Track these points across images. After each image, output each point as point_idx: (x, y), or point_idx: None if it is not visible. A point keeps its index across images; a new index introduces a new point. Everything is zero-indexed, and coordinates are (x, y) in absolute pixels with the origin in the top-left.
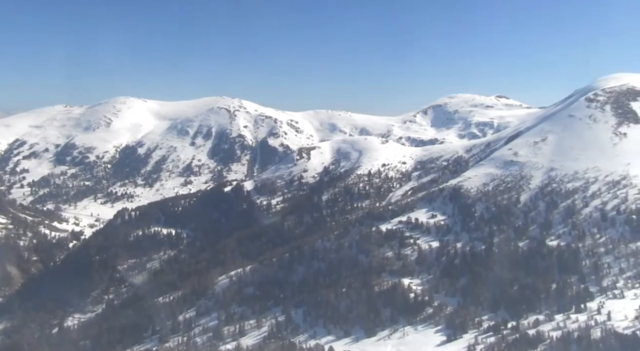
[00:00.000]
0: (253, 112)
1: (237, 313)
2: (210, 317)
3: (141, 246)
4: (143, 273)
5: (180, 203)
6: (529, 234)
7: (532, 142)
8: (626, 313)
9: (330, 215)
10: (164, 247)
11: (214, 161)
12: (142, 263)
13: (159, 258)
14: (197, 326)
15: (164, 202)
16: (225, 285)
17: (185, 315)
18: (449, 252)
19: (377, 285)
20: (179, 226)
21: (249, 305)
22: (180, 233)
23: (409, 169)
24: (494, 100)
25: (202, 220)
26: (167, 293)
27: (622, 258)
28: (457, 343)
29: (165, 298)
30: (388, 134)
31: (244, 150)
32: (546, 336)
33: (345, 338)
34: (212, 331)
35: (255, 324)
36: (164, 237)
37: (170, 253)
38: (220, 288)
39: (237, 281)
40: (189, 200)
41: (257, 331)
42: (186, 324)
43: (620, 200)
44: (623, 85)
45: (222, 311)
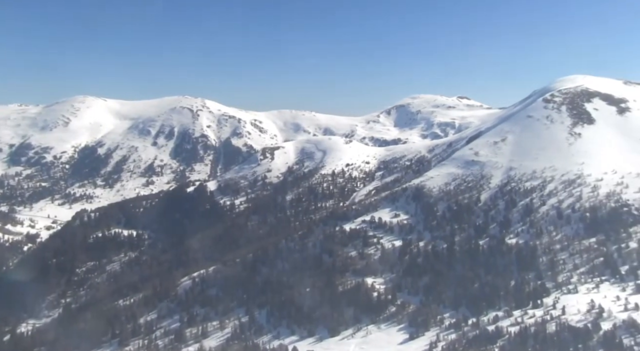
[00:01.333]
0: (216, 112)
1: (200, 315)
2: (172, 319)
3: (101, 248)
4: (103, 275)
5: (141, 204)
6: (489, 232)
7: (492, 142)
8: (579, 307)
9: (294, 215)
10: (125, 249)
11: (177, 161)
12: (101, 265)
13: (120, 260)
14: (158, 329)
15: (124, 202)
16: (188, 286)
17: (146, 317)
18: (412, 250)
19: (341, 285)
20: (140, 227)
21: (212, 306)
22: (141, 234)
23: (372, 169)
24: (456, 100)
25: (164, 221)
26: (127, 295)
27: (577, 255)
28: (419, 341)
29: (126, 300)
30: (352, 134)
31: (207, 150)
32: (505, 331)
33: (309, 338)
34: (174, 333)
35: (218, 325)
36: (125, 238)
37: (131, 255)
38: (182, 289)
39: (200, 283)
40: (151, 200)
41: (220, 333)
42: (147, 327)
43: (575, 199)
44: (578, 86)
45: (185, 313)
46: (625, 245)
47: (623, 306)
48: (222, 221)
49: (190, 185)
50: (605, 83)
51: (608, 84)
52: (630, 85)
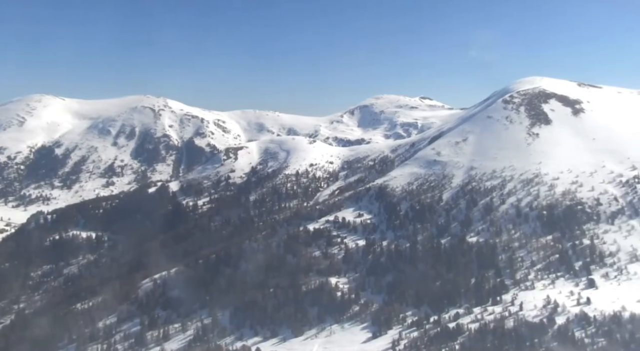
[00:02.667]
0: (179, 112)
1: (161, 317)
2: (132, 322)
3: (58, 251)
4: (59, 279)
5: (101, 205)
6: (451, 231)
7: (453, 142)
8: (536, 303)
9: (258, 216)
10: (83, 251)
11: (138, 161)
12: (58, 269)
13: (78, 263)
14: (118, 333)
15: (83, 204)
16: (149, 288)
17: (105, 321)
18: (375, 250)
19: (305, 285)
20: (99, 229)
21: (174, 309)
22: (101, 236)
23: (336, 169)
24: (418, 101)
25: (125, 222)
26: (85, 299)
27: (534, 252)
28: (382, 339)
29: (84, 304)
30: (316, 134)
31: (169, 150)
32: (465, 328)
33: (273, 339)
34: (134, 336)
35: (180, 328)
36: (83, 240)
37: (90, 258)
38: (143, 292)
39: (161, 285)
40: (111, 201)
41: (182, 335)
42: (106, 331)
43: (533, 197)
44: (536, 88)
45: (145, 315)
46: (579, 242)
47: (576, 300)
48: (185, 222)
49: (151, 186)
50: (561, 85)
51: (563, 85)
52: (584, 87)
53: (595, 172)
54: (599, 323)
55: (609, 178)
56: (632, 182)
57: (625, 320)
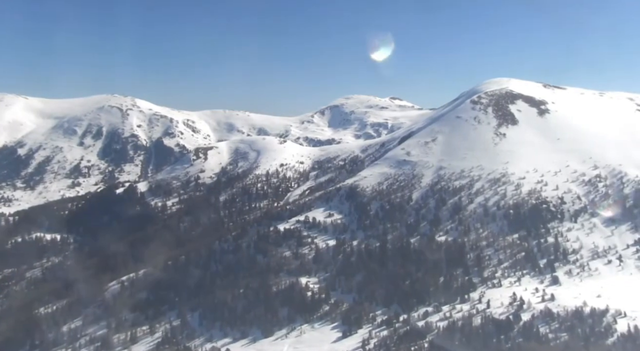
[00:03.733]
0: (147, 111)
1: (129, 320)
2: (98, 326)
3: (20, 254)
4: (22, 283)
5: (66, 207)
6: (420, 230)
7: (423, 142)
8: (502, 301)
9: (228, 216)
10: (48, 254)
11: (105, 162)
12: (20, 272)
13: (42, 266)
14: (83, 336)
15: (48, 205)
16: (116, 290)
17: (70, 325)
18: (345, 249)
19: (275, 285)
20: (65, 231)
21: (142, 311)
22: (66, 238)
23: (306, 169)
24: (388, 101)
25: (92, 223)
26: (49, 303)
27: (501, 250)
28: (352, 339)
29: (47, 308)
30: (286, 134)
31: (137, 151)
32: (434, 326)
33: (243, 340)
34: (100, 340)
35: (148, 330)
36: (48, 242)
37: (54, 260)
38: (110, 294)
39: (129, 287)
40: (77, 202)
41: (150, 338)
42: (71, 335)
43: (500, 197)
44: (503, 88)
45: (112, 318)
46: (544, 240)
47: (541, 297)
48: (154, 223)
49: (119, 186)
50: (527, 86)
51: (529, 86)
52: (549, 88)
53: (559, 171)
54: (562, 318)
55: (573, 178)
56: (594, 180)
57: (586, 315)
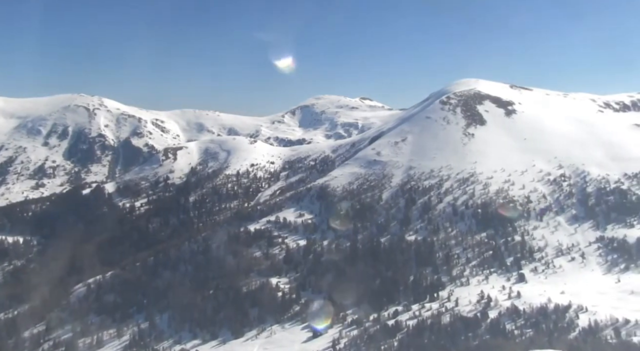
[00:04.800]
0: (115, 111)
1: (95, 323)
2: (63, 330)
3: None
4: None
5: (30, 208)
6: (390, 230)
7: (393, 142)
8: (470, 299)
9: (198, 217)
10: (9, 257)
11: (71, 162)
12: None
13: (2, 270)
14: (46, 342)
15: (9, 207)
16: (82, 293)
17: (32, 330)
18: (316, 249)
19: (245, 286)
20: (28, 233)
21: (109, 314)
22: (29, 240)
23: (277, 169)
24: (359, 101)
25: (57, 225)
26: (10, 308)
27: (469, 249)
28: (323, 339)
29: (8, 314)
30: (257, 134)
31: (104, 151)
32: (404, 325)
33: (212, 341)
34: (64, 345)
35: (115, 333)
36: (10, 245)
37: (16, 264)
38: (76, 297)
39: (95, 289)
40: (41, 204)
41: (118, 341)
42: (33, 340)
43: (469, 196)
44: (471, 89)
45: (78, 322)
46: (511, 239)
47: (507, 295)
48: (122, 224)
49: (86, 187)
50: (495, 87)
51: (497, 87)
52: (516, 89)
53: (526, 170)
54: (528, 315)
55: (539, 177)
56: (558, 180)
57: (550, 311)
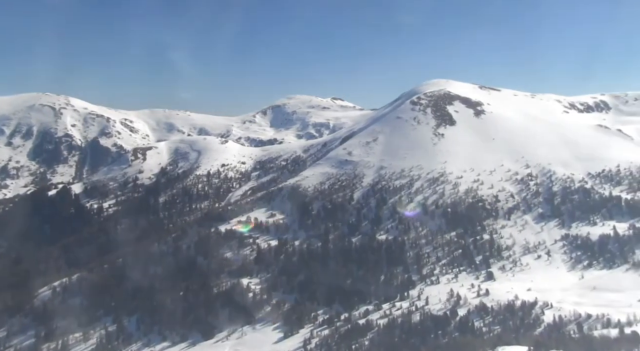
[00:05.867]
0: (82, 111)
1: (60, 328)
2: (26, 335)
3: None
4: None
5: None
6: (362, 230)
7: (364, 142)
8: (440, 297)
9: (168, 217)
10: None
11: (36, 163)
12: None
13: None
14: (7, 348)
15: None
16: (47, 297)
17: None
18: (287, 250)
19: (216, 287)
20: None
21: (75, 317)
22: None
23: (248, 169)
24: (330, 102)
25: (21, 227)
26: None
27: (439, 248)
28: (294, 339)
29: None
30: (228, 134)
31: (71, 151)
32: (374, 324)
33: (182, 343)
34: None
35: (81, 337)
36: None
37: None
38: (40, 301)
39: (61, 293)
40: (4, 206)
41: (84, 345)
42: None
43: (439, 195)
44: (441, 90)
45: (42, 327)
46: (480, 237)
47: (476, 292)
48: (89, 225)
49: (51, 188)
50: (464, 87)
51: (466, 88)
52: (485, 90)
53: (494, 170)
54: (495, 312)
55: (507, 177)
56: (526, 179)
57: (517, 308)
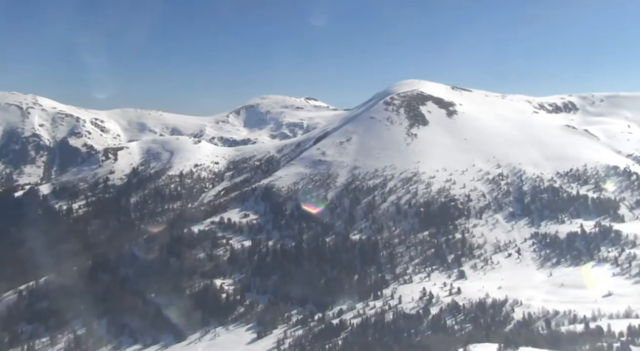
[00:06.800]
0: (51, 110)
1: (26, 332)
2: None
3: None
4: None
5: None
6: (335, 229)
7: (338, 142)
8: (413, 296)
9: (140, 218)
10: None
11: (2, 163)
12: None
13: None
14: None
15: None
16: (12, 301)
17: None
18: (261, 250)
19: (189, 288)
20: None
21: (42, 321)
22: None
23: (221, 169)
24: (304, 102)
25: None
26: None
27: (412, 247)
28: (267, 339)
29: None
30: (201, 134)
31: (39, 151)
32: (348, 324)
33: (154, 346)
34: None
35: (48, 341)
36: None
37: None
38: (4, 306)
39: (27, 296)
40: None
41: (51, 349)
42: None
43: (412, 195)
44: (414, 90)
45: (6, 332)
46: (452, 236)
47: (448, 291)
48: (58, 227)
49: (18, 189)
50: (437, 88)
51: (439, 88)
52: (457, 90)
53: (466, 170)
54: (467, 310)
55: (478, 176)
56: (497, 179)
57: (488, 306)
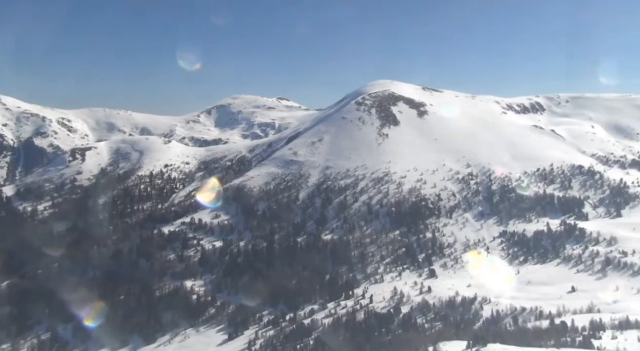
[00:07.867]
0: (15, 109)
1: None
2: None
3: None
4: None
5: None
6: (307, 229)
7: (310, 142)
8: (384, 295)
9: (108, 219)
10: None
11: None
12: None
13: None
14: None
15: None
16: None
17: None
18: (232, 251)
19: (158, 290)
20: None
21: (3, 327)
22: None
23: (192, 169)
24: (276, 101)
25: None
26: None
27: (383, 247)
28: (239, 340)
29: None
30: (171, 134)
31: (3, 151)
32: (319, 323)
33: (122, 349)
34: None
35: (10, 348)
36: None
37: None
38: None
39: None
40: None
41: None
42: None
43: (383, 195)
44: (385, 90)
45: None
46: (422, 236)
47: (419, 290)
48: (22, 229)
49: None
50: (408, 88)
51: (410, 89)
52: (427, 91)
53: (437, 170)
54: (437, 308)
55: (448, 176)
56: (467, 178)
57: (457, 304)
